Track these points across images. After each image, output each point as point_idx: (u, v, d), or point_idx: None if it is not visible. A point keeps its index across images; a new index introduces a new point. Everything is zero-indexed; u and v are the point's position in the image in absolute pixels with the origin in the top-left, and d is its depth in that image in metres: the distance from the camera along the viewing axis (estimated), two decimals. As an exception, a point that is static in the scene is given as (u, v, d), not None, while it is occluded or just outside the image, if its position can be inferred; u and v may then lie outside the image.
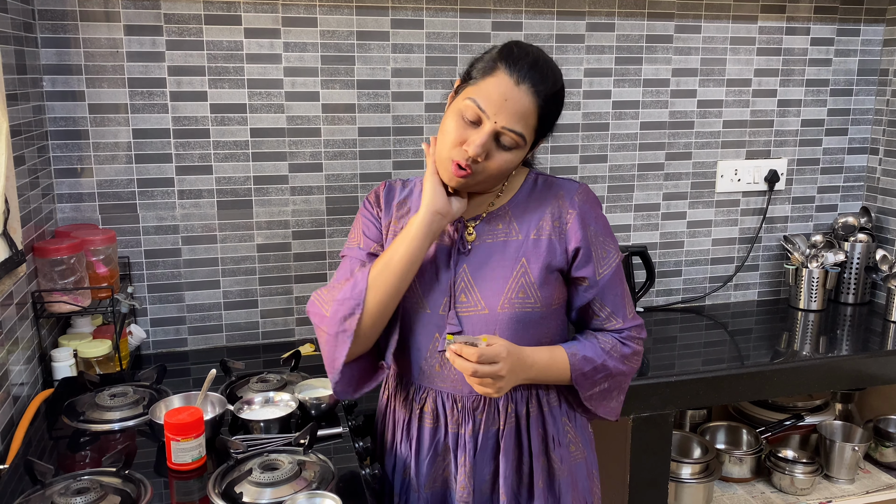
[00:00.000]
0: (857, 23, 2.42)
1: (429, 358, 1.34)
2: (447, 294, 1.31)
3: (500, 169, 1.24)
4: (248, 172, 2.00)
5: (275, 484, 1.20)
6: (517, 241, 1.32)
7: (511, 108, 1.20)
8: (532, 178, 1.38)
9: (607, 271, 1.33)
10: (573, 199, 1.33)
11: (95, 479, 1.22)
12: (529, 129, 1.23)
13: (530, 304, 1.30)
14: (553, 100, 1.24)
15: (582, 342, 1.35)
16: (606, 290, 1.33)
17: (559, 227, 1.32)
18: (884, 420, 2.37)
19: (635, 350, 1.37)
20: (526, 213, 1.34)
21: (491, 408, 1.33)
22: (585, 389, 1.34)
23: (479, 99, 1.21)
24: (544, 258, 1.30)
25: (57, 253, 1.65)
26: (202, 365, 1.89)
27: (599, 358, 1.33)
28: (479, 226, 1.34)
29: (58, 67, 1.82)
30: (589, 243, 1.31)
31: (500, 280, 1.30)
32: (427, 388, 1.35)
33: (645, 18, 2.23)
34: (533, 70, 1.20)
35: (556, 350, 1.32)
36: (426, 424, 1.36)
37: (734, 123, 2.39)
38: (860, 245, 2.43)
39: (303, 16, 1.96)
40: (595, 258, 1.32)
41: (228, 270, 2.04)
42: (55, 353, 1.67)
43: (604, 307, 1.34)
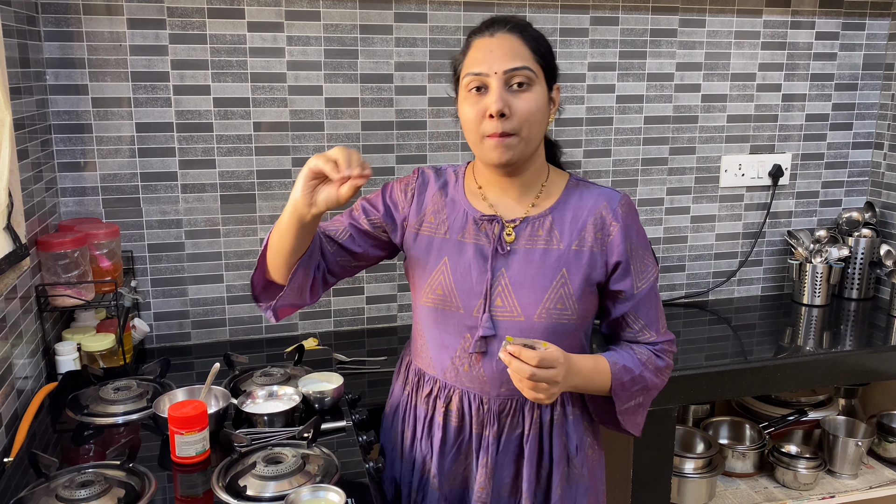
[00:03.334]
0: (863, 17, 2.41)
1: (458, 357, 1.31)
2: (482, 296, 1.28)
3: (531, 110, 1.22)
4: (252, 166, 2.00)
5: (278, 477, 1.20)
6: (559, 251, 1.29)
7: (500, 53, 1.21)
8: (573, 183, 1.35)
9: (645, 286, 1.31)
10: (616, 210, 1.30)
11: (100, 472, 1.22)
12: (529, 60, 1.22)
13: (567, 316, 1.28)
14: (532, 32, 1.26)
15: (620, 352, 1.33)
16: (642, 303, 1.32)
17: (601, 239, 1.29)
18: (887, 415, 2.37)
19: (668, 364, 1.35)
20: (568, 220, 1.31)
21: (517, 411, 1.32)
22: (622, 401, 1.32)
23: (472, 67, 1.23)
24: (585, 271, 1.28)
25: (60, 247, 1.65)
26: (206, 359, 1.89)
27: (637, 369, 1.31)
28: (518, 227, 1.31)
29: (61, 61, 1.82)
30: (629, 257, 1.29)
31: (539, 289, 1.27)
32: (453, 386, 1.33)
33: (649, 12, 2.22)
34: (497, 21, 1.26)
35: (599, 359, 1.30)
36: (451, 422, 1.34)
37: (738, 118, 2.38)
38: (864, 240, 2.42)
39: (306, 9, 1.96)
40: (634, 272, 1.30)
41: (232, 265, 2.04)
42: (59, 347, 1.67)
43: (638, 320, 1.33)
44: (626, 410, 1.34)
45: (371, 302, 2.17)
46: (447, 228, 1.34)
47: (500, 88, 1.20)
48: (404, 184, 1.40)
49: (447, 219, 1.35)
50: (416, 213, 1.37)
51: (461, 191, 1.37)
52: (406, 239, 1.39)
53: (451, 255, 1.32)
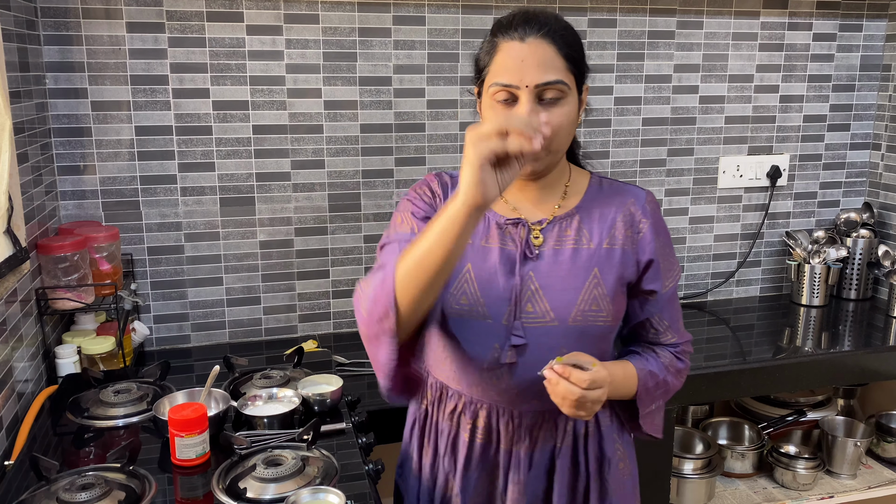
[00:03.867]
0: (860, 18, 2.41)
1: (486, 369, 1.22)
2: (511, 302, 1.20)
3: (563, 126, 1.15)
4: (251, 169, 2.00)
5: (278, 479, 1.20)
6: (589, 250, 1.22)
7: (533, 64, 1.12)
8: (596, 181, 1.30)
9: (672, 284, 1.28)
10: (645, 206, 1.26)
11: (100, 474, 1.22)
12: (562, 72, 1.14)
13: (602, 318, 1.21)
14: (566, 34, 1.16)
15: (645, 356, 1.28)
16: (667, 304, 1.28)
17: (632, 237, 1.24)
18: (886, 415, 2.38)
19: (687, 365, 1.33)
20: (596, 219, 1.25)
21: (549, 424, 1.25)
22: (645, 406, 1.27)
23: (500, 77, 1.13)
24: (618, 269, 1.22)
25: (60, 250, 1.66)
26: (205, 361, 1.90)
27: (661, 373, 1.27)
28: (545, 229, 1.24)
29: (60, 65, 1.83)
30: (659, 255, 1.25)
31: (571, 291, 1.20)
32: (480, 401, 1.25)
33: (647, 14, 2.23)
34: (529, 22, 1.14)
35: (627, 365, 1.25)
36: (477, 440, 1.26)
37: (736, 119, 2.39)
38: (862, 241, 2.43)
39: (304, 12, 1.96)
40: (663, 271, 1.25)
41: (231, 267, 2.04)
42: (59, 350, 1.67)
43: (662, 321, 1.28)
44: (647, 414, 1.29)
45: (370, 304, 2.17)
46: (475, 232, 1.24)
47: (531, 102, 1.12)
48: (425, 187, 1.29)
49: None
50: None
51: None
52: None
53: (475, 261, 1.23)
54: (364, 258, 2.14)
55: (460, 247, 1.04)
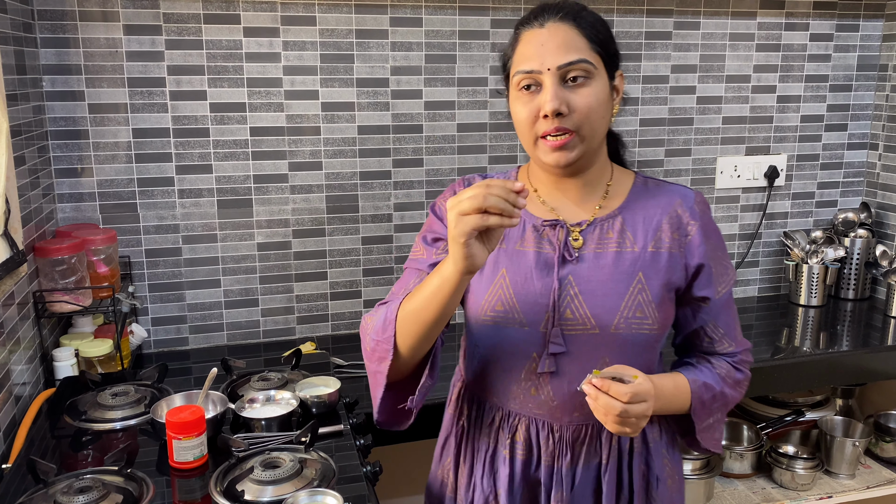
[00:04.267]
0: (857, 18, 2.42)
1: (523, 380, 1.17)
2: (549, 308, 1.14)
3: (591, 106, 1.08)
4: (248, 171, 2.00)
5: (276, 482, 1.20)
6: (633, 254, 1.16)
7: (553, 47, 1.08)
8: (641, 181, 1.23)
9: (725, 291, 1.21)
10: (693, 207, 1.19)
11: (97, 477, 1.22)
12: (586, 51, 1.09)
13: (647, 326, 1.14)
14: (588, 17, 1.11)
15: (699, 368, 1.22)
16: (722, 311, 1.21)
17: (679, 240, 1.17)
18: (884, 415, 2.38)
19: (746, 376, 1.25)
20: (640, 220, 1.18)
21: (593, 439, 1.18)
22: (702, 420, 1.21)
23: (522, 64, 1.10)
24: (664, 274, 1.15)
25: (58, 253, 1.65)
26: (203, 364, 1.90)
27: (718, 385, 1.20)
28: (586, 231, 1.17)
29: (57, 67, 1.83)
30: (710, 258, 1.18)
31: (613, 296, 1.13)
32: (518, 414, 1.19)
33: (644, 15, 2.23)
34: (546, 10, 1.11)
35: (677, 377, 1.18)
36: (517, 456, 1.20)
37: (733, 119, 2.39)
38: (860, 240, 2.43)
39: (301, 14, 1.96)
40: (715, 275, 1.19)
41: (229, 269, 2.04)
42: (57, 353, 1.67)
43: (717, 329, 1.21)
44: (704, 428, 1.22)
45: (369, 306, 2.18)
46: (503, 237, 1.19)
47: (555, 85, 1.07)
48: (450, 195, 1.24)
49: None
50: None
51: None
52: None
53: (510, 266, 1.18)
54: (362, 259, 2.14)
55: (453, 303, 1.06)
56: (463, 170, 2.16)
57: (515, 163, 2.21)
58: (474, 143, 2.16)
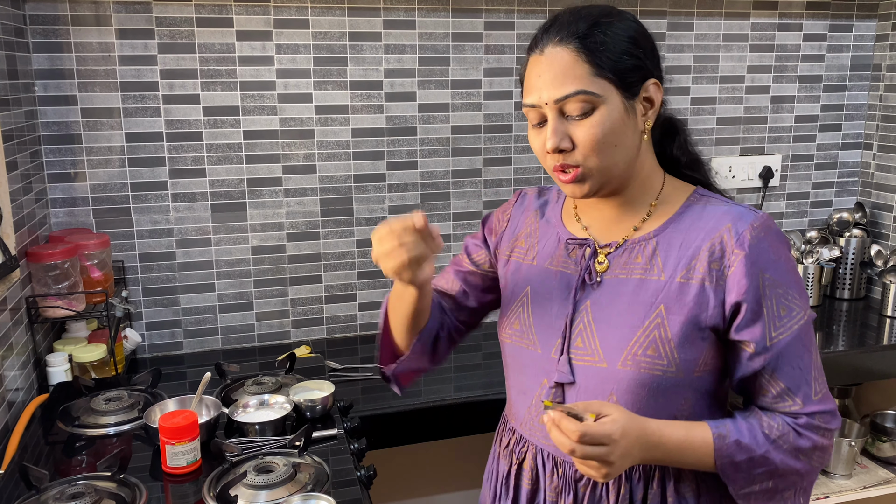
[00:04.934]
0: (850, 18, 2.42)
1: (533, 406, 1.10)
2: (561, 335, 1.07)
3: (596, 140, 0.98)
4: (242, 175, 2.00)
5: (270, 486, 1.20)
6: (657, 283, 1.02)
7: (549, 78, 1.00)
8: (695, 198, 1.07)
9: (785, 336, 0.99)
10: (743, 234, 1.00)
11: (90, 483, 1.22)
12: (585, 79, 0.98)
13: (661, 367, 1.00)
14: (595, 32, 0.99)
15: (738, 421, 1.02)
16: (782, 359, 0.99)
17: (718, 271, 1.00)
18: (881, 415, 2.38)
19: (816, 444, 1.01)
20: (676, 247, 1.03)
21: (598, 483, 1.06)
22: (738, 485, 1.01)
23: (526, 97, 1.03)
24: (690, 310, 1.00)
25: (51, 258, 1.65)
26: (198, 368, 1.89)
27: (760, 448, 0.99)
28: (614, 253, 1.07)
29: (50, 72, 1.82)
30: (760, 296, 0.98)
31: (626, 329, 1.02)
32: (528, 441, 1.12)
33: (637, 16, 2.22)
34: (549, 30, 1.02)
35: (697, 427, 1.00)
36: (523, 484, 1.13)
37: (728, 120, 2.39)
38: (855, 240, 2.43)
39: (294, 17, 1.96)
40: (767, 317, 0.99)
41: (223, 273, 2.04)
42: (50, 358, 1.66)
43: (776, 382, 1.00)
44: (748, 495, 1.03)
45: (364, 309, 2.17)
46: (536, 254, 1.15)
47: (555, 121, 1.00)
48: (503, 209, 1.24)
49: (538, 243, 1.16)
50: (509, 237, 1.20)
51: (558, 212, 1.17)
52: (499, 268, 1.22)
53: (534, 284, 1.12)
54: (356, 262, 2.13)
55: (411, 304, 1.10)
56: (457, 172, 2.16)
57: (510, 164, 2.21)
58: (469, 145, 2.16)
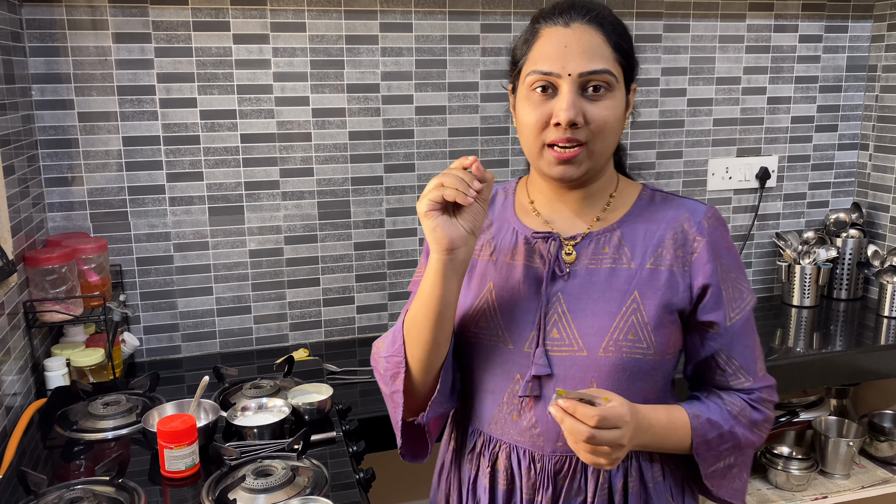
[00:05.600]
0: (845, 19, 2.43)
1: (505, 403, 1.10)
2: (535, 327, 1.07)
3: (608, 121, 1.01)
4: (239, 178, 2.00)
5: (268, 490, 1.19)
6: (628, 270, 1.07)
7: (577, 50, 1.00)
8: (647, 194, 1.14)
9: (739, 317, 1.08)
10: (701, 223, 1.08)
11: (89, 488, 1.22)
12: (610, 61, 1.01)
13: (641, 350, 1.04)
14: (615, 23, 1.05)
15: (705, 402, 1.10)
16: (736, 340, 1.09)
17: (683, 258, 1.07)
18: (878, 415, 2.38)
19: (767, 417, 1.11)
20: (640, 236, 1.09)
21: (577, 473, 1.07)
22: (708, 463, 1.08)
23: (540, 64, 1.01)
24: (663, 294, 1.05)
25: (48, 262, 1.65)
26: (196, 372, 1.89)
27: (727, 423, 1.07)
28: (580, 244, 1.10)
29: (47, 76, 1.82)
30: (720, 280, 1.06)
31: (604, 316, 1.05)
32: (499, 440, 1.11)
33: (634, 18, 2.23)
34: (574, 8, 1.03)
35: (675, 410, 1.07)
36: (498, 486, 1.11)
37: (724, 121, 2.40)
38: (852, 241, 2.44)
39: (291, 21, 1.96)
40: (726, 300, 1.07)
41: (221, 276, 2.04)
42: (48, 363, 1.66)
43: (731, 361, 1.09)
44: (713, 473, 1.10)
45: (362, 311, 2.17)
46: (493, 249, 1.14)
47: (573, 93, 1.00)
48: None
49: (493, 239, 1.15)
50: None
51: (510, 208, 1.18)
52: None
53: (497, 279, 1.12)
54: (354, 265, 2.14)
55: (449, 294, 1.03)
56: (455, 174, 2.16)
57: (507, 167, 2.21)
58: (466, 147, 2.16)
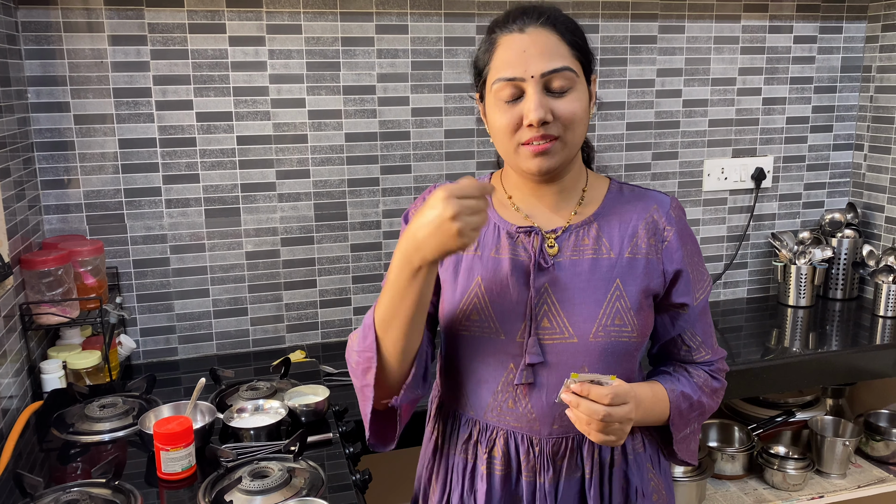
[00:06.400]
0: (840, 20, 2.43)
1: (500, 392, 1.14)
2: (525, 317, 1.12)
3: (576, 113, 1.07)
4: (236, 180, 2.00)
5: (265, 491, 1.20)
6: (609, 260, 1.14)
7: (536, 53, 1.06)
8: (616, 186, 1.21)
9: (703, 297, 1.20)
10: (669, 213, 1.18)
11: (85, 490, 1.22)
12: (568, 59, 1.07)
13: (626, 333, 1.12)
14: (567, 21, 1.10)
15: (676, 377, 1.20)
16: (699, 318, 1.20)
17: (655, 245, 1.16)
18: (874, 414, 2.39)
19: (723, 384, 1.24)
20: (616, 227, 1.16)
21: (574, 452, 1.15)
22: (679, 430, 1.19)
23: (503, 72, 1.07)
24: (642, 280, 1.14)
25: (44, 265, 1.65)
26: (192, 374, 1.89)
27: (695, 394, 1.18)
28: (560, 237, 1.15)
29: (42, 79, 1.82)
30: (687, 265, 1.17)
31: (591, 304, 1.12)
32: (496, 427, 1.15)
33: (629, 20, 2.24)
34: (527, 12, 1.09)
35: (655, 385, 1.16)
36: (496, 472, 1.15)
37: (720, 122, 2.40)
38: (847, 241, 2.44)
39: (287, 23, 1.96)
40: (693, 282, 1.18)
41: (217, 278, 2.04)
42: (44, 366, 1.66)
43: (695, 337, 1.20)
44: (682, 439, 1.21)
45: (358, 313, 2.17)
46: (477, 245, 1.17)
47: (539, 94, 1.05)
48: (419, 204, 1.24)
49: None
50: None
51: (489, 204, 1.18)
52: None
53: (485, 273, 1.15)
54: (351, 267, 2.14)
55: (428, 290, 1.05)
56: (451, 175, 2.17)
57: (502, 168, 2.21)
58: (462, 148, 2.17)
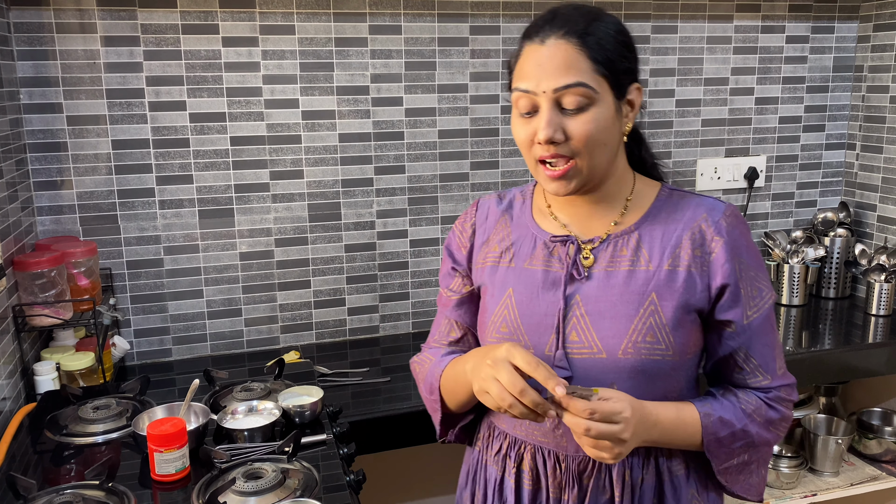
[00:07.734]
0: (832, 20, 2.44)
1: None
2: (554, 330, 1.09)
3: (590, 135, 1.02)
4: (229, 181, 2.00)
5: (259, 492, 1.20)
6: (646, 272, 1.08)
7: (549, 67, 1.02)
8: (665, 193, 1.14)
9: (757, 315, 1.09)
10: (720, 222, 1.09)
11: (79, 492, 1.21)
12: (587, 73, 1.02)
13: (660, 351, 1.05)
14: (596, 31, 1.03)
15: (719, 400, 1.11)
16: (755, 338, 1.09)
17: (701, 258, 1.08)
18: (867, 412, 2.40)
19: (784, 415, 1.12)
20: (658, 237, 1.10)
21: (601, 472, 1.10)
22: (720, 460, 1.10)
23: (520, 82, 1.05)
24: (681, 295, 1.07)
25: (37, 266, 1.64)
26: (186, 375, 1.89)
27: (740, 422, 1.09)
28: (598, 248, 1.11)
29: (35, 80, 1.82)
30: (738, 279, 1.07)
31: (622, 319, 1.06)
32: (524, 442, 1.14)
33: (622, 20, 2.24)
34: (552, 22, 1.04)
35: (685, 407, 1.08)
36: (524, 486, 1.14)
37: (713, 122, 2.41)
38: (839, 240, 2.45)
39: (280, 23, 1.96)
40: (744, 298, 1.08)
41: (211, 279, 2.04)
42: (37, 367, 1.66)
43: (749, 359, 1.10)
44: (727, 470, 1.12)
45: (353, 313, 2.17)
46: (513, 256, 1.16)
47: (550, 110, 1.02)
48: (461, 223, 1.25)
49: (512, 245, 1.17)
50: (480, 245, 1.21)
51: (528, 212, 1.19)
52: (474, 277, 1.22)
53: (517, 285, 1.13)
54: (345, 267, 2.14)
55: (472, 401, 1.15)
56: (445, 176, 2.17)
57: (497, 168, 2.22)
58: (456, 149, 2.17)
